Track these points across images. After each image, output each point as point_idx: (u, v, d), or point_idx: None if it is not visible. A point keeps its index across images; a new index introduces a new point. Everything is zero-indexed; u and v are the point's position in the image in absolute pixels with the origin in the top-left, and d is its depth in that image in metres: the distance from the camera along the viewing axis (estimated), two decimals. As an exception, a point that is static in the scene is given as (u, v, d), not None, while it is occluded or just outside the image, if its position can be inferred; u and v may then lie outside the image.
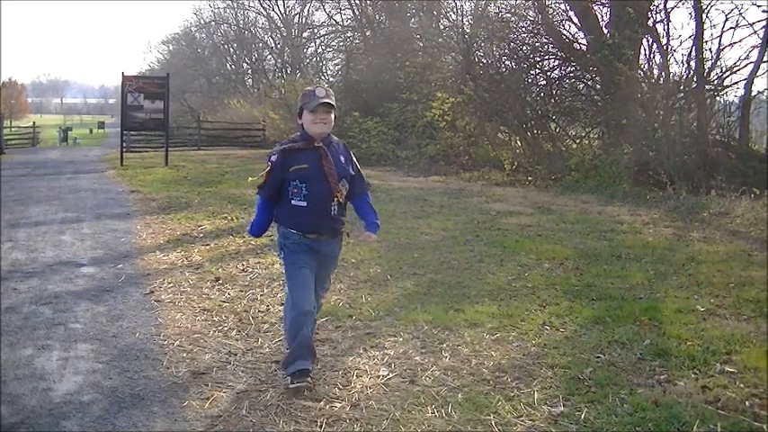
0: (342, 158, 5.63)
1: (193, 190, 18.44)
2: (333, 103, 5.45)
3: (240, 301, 8.01)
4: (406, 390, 5.50)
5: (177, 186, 19.39)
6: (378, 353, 6.30)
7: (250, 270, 9.48)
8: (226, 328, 7.01)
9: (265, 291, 8.44)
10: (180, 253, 10.52)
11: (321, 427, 4.85)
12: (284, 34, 56.38)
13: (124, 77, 27.49)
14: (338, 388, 5.52)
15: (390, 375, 5.75)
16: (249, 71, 63.51)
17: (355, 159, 5.87)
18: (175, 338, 6.68)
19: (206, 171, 24.77)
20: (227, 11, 60.48)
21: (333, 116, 5.51)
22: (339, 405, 5.20)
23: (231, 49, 63.32)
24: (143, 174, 23.53)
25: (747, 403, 5.28)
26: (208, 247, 10.94)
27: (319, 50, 49.49)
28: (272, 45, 59.70)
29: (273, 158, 5.47)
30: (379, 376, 5.75)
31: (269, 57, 60.74)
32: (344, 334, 6.84)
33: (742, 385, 5.61)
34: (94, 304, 7.80)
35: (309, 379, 5.49)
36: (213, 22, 62.66)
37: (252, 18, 59.94)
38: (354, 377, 5.75)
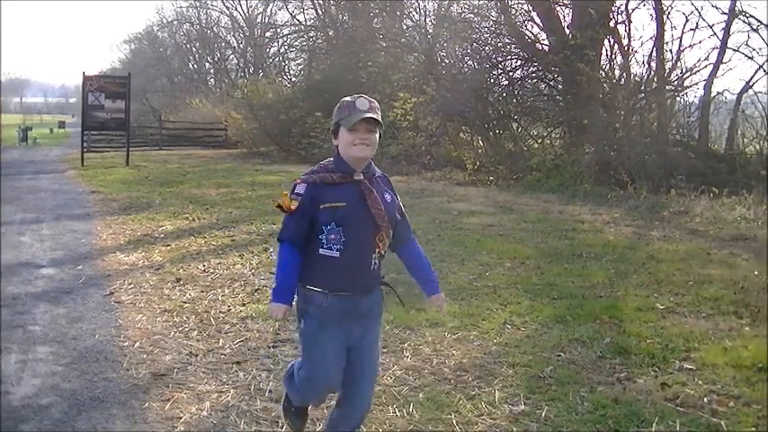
0: (387, 196, 4.20)
1: (155, 190, 18.35)
2: (379, 118, 4.09)
3: (201, 301, 7.96)
4: (368, 389, 5.48)
5: (138, 187, 19.28)
6: (339, 353, 6.28)
7: (211, 270, 9.44)
8: (187, 329, 6.97)
9: (226, 291, 8.40)
10: (141, 254, 10.45)
11: (282, 427, 4.84)
12: (247, 34, 56.20)
13: (85, 77, 27.30)
14: (300, 388, 5.49)
15: (352, 375, 5.73)
16: (211, 71, 63.19)
17: (397, 196, 4.39)
18: (136, 340, 6.63)
19: (167, 171, 24.66)
20: (190, 10, 60.18)
21: (378, 136, 4.15)
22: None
23: (193, 49, 62.97)
24: (104, 174, 23.37)
25: (706, 400, 5.33)
26: (169, 248, 10.89)
27: (282, 50, 49.26)
28: (235, 44, 59.49)
29: (300, 190, 4.15)
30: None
31: (231, 56, 60.52)
32: (306, 334, 6.81)
33: (700, 382, 5.67)
34: (54, 306, 7.72)
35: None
36: (175, 22, 62.28)
37: (214, 17, 59.75)
38: (316, 377, 5.71)
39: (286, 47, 46.78)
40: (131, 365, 5.97)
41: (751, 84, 19.99)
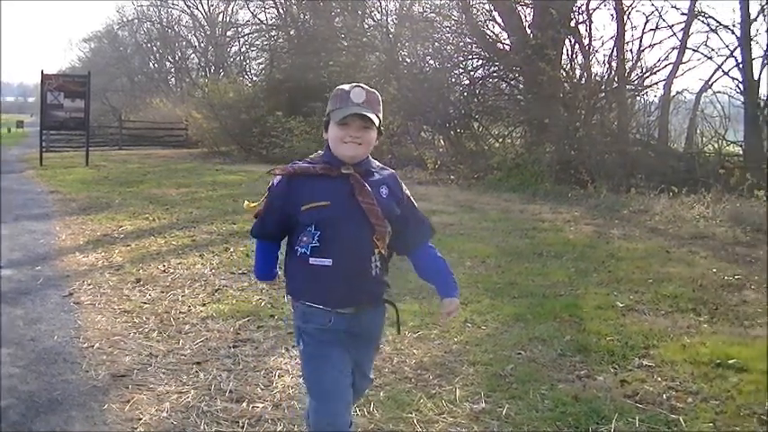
0: (383, 190, 3.65)
1: (114, 190, 18.22)
2: (373, 116, 3.55)
3: (161, 302, 7.90)
4: (329, 389, 5.47)
5: (98, 186, 19.14)
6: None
7: (171, 271, 9.38)
8: (146, 330, 6.91)
9: (187, 291, 8.35)
10: (100, 254, 10.36)
11: (243, 427, 4.81)
12: (208, 33, 56.07)
13: (44, 76, 27.06)
14: (260, 388, 5.47)
15: (313, 375, 5.72)
16: (172, 70, 62.96)
17: (408, 192, 3.85)
18: (95, 341, 6.56)
19: (127, 171, 24.51)
20: (151, 9, 59.87)
21: (374, 134, 3.61)
22: (261, 405, 5.16)
23: (154, 48, 62.70)
24: (63, 174, 23.17)
25: (665, 396, 5.37)
26: (129, 248, 10.81)
27: (243, 49, 49.16)
28: (196, 44, 59.31)
29: (275, 181, 3.67)
30: (301, 376, 5.71)
31: (192, 55, 60.36)
32: (266, 334, 6.78)
33: (659, 379, 5.71)
34: (12, 307, 7.63)
35: None
36: (136, 20, 61.98)
37: (175, 16, 59.51)
38: (276, 377, 5.70)
39: (247, 46, 46.76)
40: (90, 367, 5.91)
41: (710, 83, 20.28)
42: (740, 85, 19.32)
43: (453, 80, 24.13)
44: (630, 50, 21.14)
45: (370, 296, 3.65)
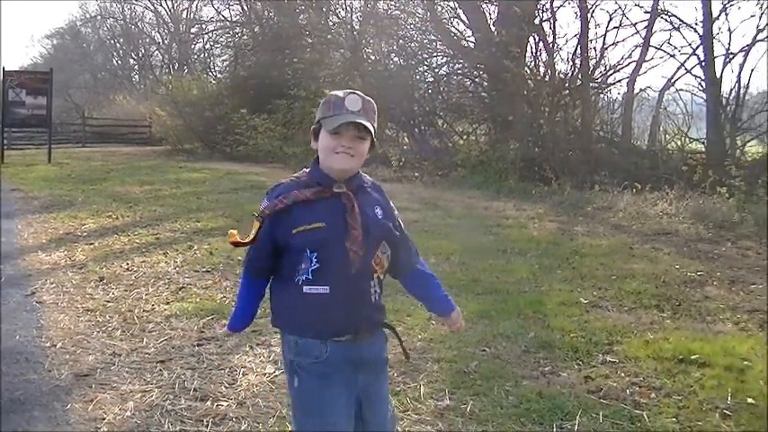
0: (378, 210, 3.39)
1: (77, 188, 18.07)
2: (369, 125, 3.26)
3: (125, 300, 7.85)
4: (293, 387, 5.46)
5: (60, 184, 18.98)
6: (264, 350, 6.24)
7: (135, 269, 9.32)
8: (110, 329, 6.87)
9: (150, 290, 8.29)
10: (63, 252, 10.28)
11: (207, 426, 4.79)
12: (172, 30, 55.81)
13: (5, 72, 26.82)
14: (224, 386, 5.45)
15: (277, 373, 5.69)
16: (136, 67, 62.62)
17: (395, 209, 3.57)
18: (58, 340, 6.51)
19: (90, 168, 24.31)
20: (114, 5, 59.47)
21: (368, 145, 3.33)
22: (225, 404, 5.14)
23: (117, 45, 62.35)
24: (25, 172, 22.93)
25: (628, 392, 5.41)
26: (92, 246, 10.73)
27: (207, 46, 48.86)
28: (160, 41, 59.04)
29: (264, 207, 3.29)
30: (265, 374, 5.70)
31: (156, 52, 60.03)
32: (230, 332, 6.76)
33: (623, 374, 5.75)
34: (-28, 306, 7.58)
35: None
36: (99, 17, 61.51)
37: (139, 13, 59.22)
38: (240, 375, 5.68)
39: (211, 43, 46.48)
40: (53, 366, 5.86)
41: (673, 81, 20.50)
42: (702, 83, 19.54)
43: (418, 77, 24.21)
44: (594, 48, 21.33)
45: (369, 323, 3.30)
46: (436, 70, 24.18)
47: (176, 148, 33.26)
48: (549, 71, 21.50)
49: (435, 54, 24.12)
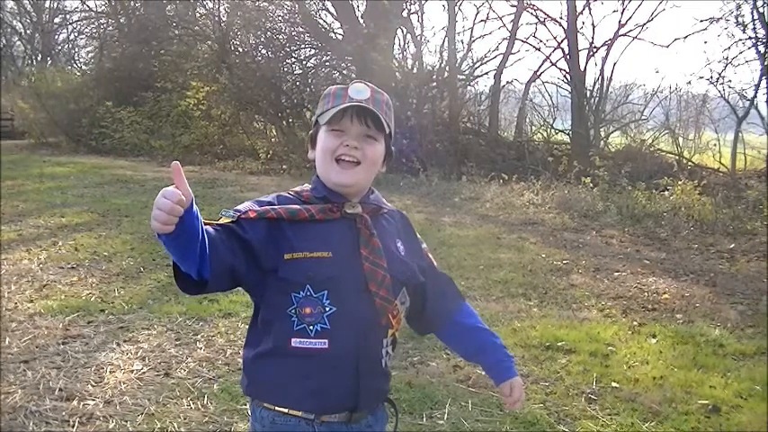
0: (398, 244, 2.55)
1: (-67, 184, 17.44)
2: (382, 118, 2.45)
3: (-15, 299, 7.62)
4: (161, 383, 5.38)
5: None
6: (131, 347, 6.14)
7: (-4, 266, 9.06)
8: (-31, 329, 6.66)
9: (13, 288, 8.02)
10: None
11: (74, 426, 4.68)
12: (34, 19, 54.27)
13: None
14: (91, 385, 5.32)
15: (145, 369, 5.61)
16: (-5, 58, 60.79)
17: (425, 244, 2.81)
18: None
19: (-53, 163, 23.53)
20: (-29, -6, 57.64)
21: (381, 150, 2.51)
22: (92, 403, 5.02)
23: (-25, 35, 60.42)
24: None
25: (496, 380, 5.50)
26: (-51, 244, 10.38)
27: (72, 37, 47.85)
28: (22, 31, 57.30)
29: (245, 208, 2.42)
30: (133, 371, 5.60)
31: (18, 43, 58.26)
32: (97, 329, 6.60)
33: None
34: None
35: None
36: (-45, 6, 59.55)
37: (-2, 1, 57.43)
38: (108, 373, 5.55)
39: (76, 34, 45.51)
40: None
41: (538, 74, 20.97)
42: (567, 76, 20.02)
43: (286, 70, 24.09)
44: (462, 41, 21.68)
45: (373, 396, 2.47)
46: (304, 62, 24.14)
47: (40, 141, 32.36)
48: (416, 63, 21.70)
49: (303, 46, 24.06)
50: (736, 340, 6.86)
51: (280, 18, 24.45)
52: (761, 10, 17.56)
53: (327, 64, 23.89)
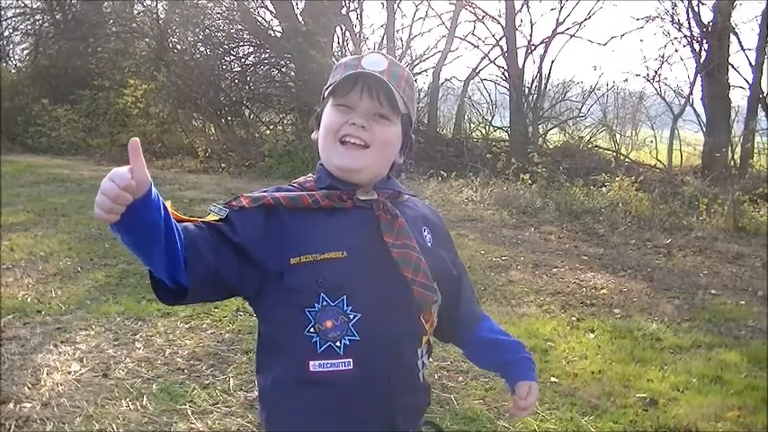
0: (425, 233, 2.21)
1: None
2: (401, 96, 2.07)
3: None
4: (100, 384, 5.32)
5: None
6: (69, 348, 6.06)
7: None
8: None
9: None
10: None
11: (10, 429, 4.61)
12: (-34, 16, 53.45)
13: None
14: (27, 387, 5.24)
15: (83, 370, 5.55)
16: (-74, 55, 59.67)
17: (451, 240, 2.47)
18: None
19: None
20: None
21: (395, 132, 2.09)
22: (29, 405, 4.95)
23: None
24: None
25: (436, 375, 5.54)
26: None
27: (6, 33, 47.09)
28: (-48, 27, 56.42)
29: (236, 202, 2.14)
30: (70, 372, 5.53)
31: (-51, 40, 57.38)
32: (33, 330, 6.50)
33: (431, 360, 5.83)
34: None
35: None
36: None
37: (-72, -3, 56.38)
38: (45, 375, 5.48)
39: (10, 30, 44.79)
40: None
41: (477, 71, 21.09)
42: (506, 73, 20.14)
43: (224, 67, 23.94)
44: (401, 38, 21.73)
45: (412, 415, 2.12)
46: (243, 60, 24.00)
47: (-27, 140, 31.95)
48: (355, 61, 21.70)
49: (242, 44, 23.93)
50: (673, 334, 6.97)
51: (218, 15, 24.29)
52: (696, 9, 17.90)
53: (266, 62, 23.78)
